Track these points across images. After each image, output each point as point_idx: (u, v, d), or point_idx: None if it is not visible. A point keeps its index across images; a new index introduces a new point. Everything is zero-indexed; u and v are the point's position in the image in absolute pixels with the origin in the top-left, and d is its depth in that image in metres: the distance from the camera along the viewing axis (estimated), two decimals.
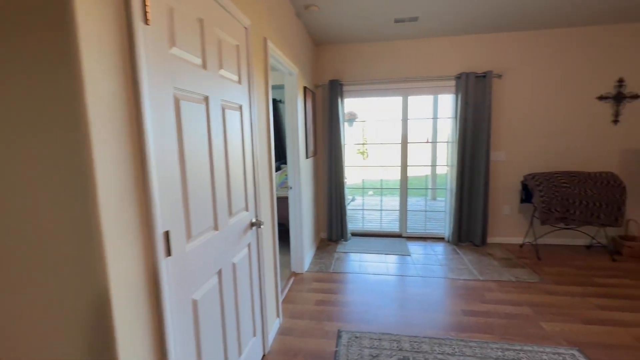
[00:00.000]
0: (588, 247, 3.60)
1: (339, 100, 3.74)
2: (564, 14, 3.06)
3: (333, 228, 3.94)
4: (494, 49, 3.59)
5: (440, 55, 3.70)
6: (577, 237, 3.68)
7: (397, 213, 4.19)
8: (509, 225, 3.80)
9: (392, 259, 3.42)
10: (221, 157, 1.39)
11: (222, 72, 1.39)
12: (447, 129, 3.86)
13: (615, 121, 3.49)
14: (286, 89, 2.84)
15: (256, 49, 1.86)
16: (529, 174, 3.45)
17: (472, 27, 3.38)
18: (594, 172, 3.32)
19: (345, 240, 3.97)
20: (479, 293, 2.64)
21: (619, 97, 3.45)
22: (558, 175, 3.30)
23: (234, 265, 1.51)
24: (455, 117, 3.64)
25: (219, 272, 1.37)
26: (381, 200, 5.85)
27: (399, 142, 3.97)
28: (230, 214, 1.48)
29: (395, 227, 4.34)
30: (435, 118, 5.70)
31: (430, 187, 6.71)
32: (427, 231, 4.17)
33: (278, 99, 4.47)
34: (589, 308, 2.39)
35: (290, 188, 2.93)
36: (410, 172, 4.07)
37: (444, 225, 4.10)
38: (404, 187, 4.04)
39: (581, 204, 3.18)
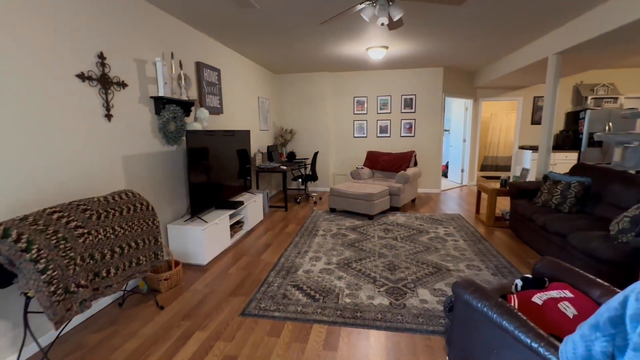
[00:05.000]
0: (121, 304, 2.39)
1: None
2: None
3: None
4: None
5: None
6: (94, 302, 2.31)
7: None
8: None
9: None
10: None
11: None
12: None
13: (108, 116, 2.41)
14: None
15: None
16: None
17: None
18: (109, 195, 2.07)
19: None
20: None
21: (105, 82, 2.37)
22: (60, 214, 1.65)
23: None
24: None
25: None
26: None
27: None
28: None
29: None
30: None
31: None
32: None
33: None
34: None
35: None
36: None
37: None
38: None
39: (114, 254, 1.84)
